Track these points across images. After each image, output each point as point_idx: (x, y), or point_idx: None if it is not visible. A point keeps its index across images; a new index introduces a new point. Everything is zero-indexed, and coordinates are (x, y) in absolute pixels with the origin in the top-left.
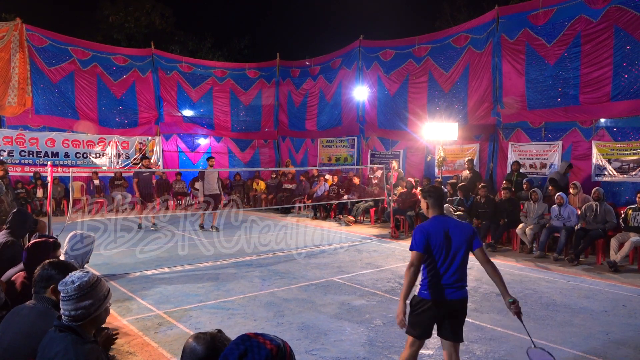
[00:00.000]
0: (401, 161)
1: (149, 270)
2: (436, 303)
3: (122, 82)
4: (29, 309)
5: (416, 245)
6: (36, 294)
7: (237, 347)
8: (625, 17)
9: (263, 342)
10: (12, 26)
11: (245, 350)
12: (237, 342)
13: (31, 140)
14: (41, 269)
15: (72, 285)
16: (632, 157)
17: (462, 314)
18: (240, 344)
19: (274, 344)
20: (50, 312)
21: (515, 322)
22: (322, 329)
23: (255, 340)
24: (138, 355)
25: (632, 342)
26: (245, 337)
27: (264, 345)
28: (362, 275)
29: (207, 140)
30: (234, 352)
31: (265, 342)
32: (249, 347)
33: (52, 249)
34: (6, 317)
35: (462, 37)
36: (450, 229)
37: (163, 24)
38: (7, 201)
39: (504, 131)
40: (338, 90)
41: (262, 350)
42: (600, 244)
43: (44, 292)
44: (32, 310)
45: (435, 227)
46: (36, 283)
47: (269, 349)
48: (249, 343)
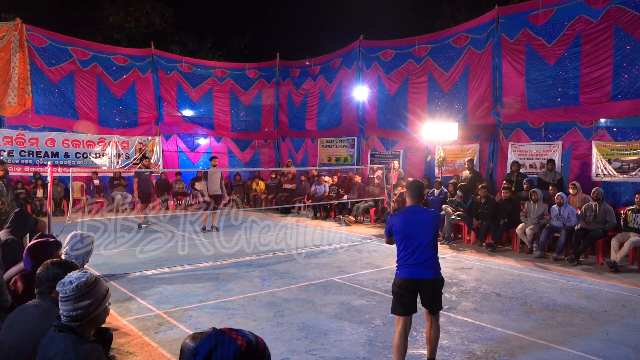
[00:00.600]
0: (401, 161)
1: (149, 270)
2: (409, 281)
3: (122, 82)
4: (34, 308)
5: (385, 232)
6: (40, 294)
7: (208, 341)
8: (625, 17)
9: (235, 338)
10: (12, 26)
11: (216, 344)
12: (210, 336)
13: (31, 140)
14: (45, 269)
15: (70, 285)
16: (632, 157)
17: (433, 291)
18: (213, 338)
19: (245, 339)
20: (54, 310)
21: (515, 322)
22: (322, 329)
23: (227, 335)
24: (138, 355)
25: (632, 342)
26: (219, 332)
27: (235, 340)
28: (362, 275)
29: (207, 140)
30: (205, 346)
31: (237, 337)
32: (220, 341)
33: (54, 249)
34: (10, 315)
35: (462, 37)
36: (417, 216)
37: (163, 24)
38: (7, 201)
39: (504, 131)
40: (338, 90)
41: (232, 345)
42: (600, 244)
43: (49, 292)
44: (37, 309)
45: (403, 215)
46: (41, 283)
47: (239, 344)
48: (221, 338)
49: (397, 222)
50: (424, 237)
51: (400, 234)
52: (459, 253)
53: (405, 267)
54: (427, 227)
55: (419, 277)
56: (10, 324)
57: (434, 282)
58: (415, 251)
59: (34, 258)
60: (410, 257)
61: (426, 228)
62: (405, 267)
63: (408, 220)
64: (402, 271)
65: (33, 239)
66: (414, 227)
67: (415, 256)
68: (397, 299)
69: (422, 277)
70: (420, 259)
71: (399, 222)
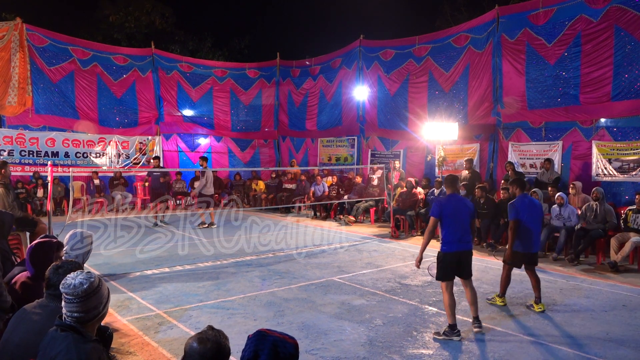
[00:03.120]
0: (401, 161)
1: (149, 269)
2: (452, 254)
3: (122, 81)
4: (41, 308)
5: (432, 212)
6: (49, 295)
7: (263, 343)
8: (625, 16)
9: (283, 337)
10: (13, 26)
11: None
12: (259, 338)
13: (31, 140)
14: (55, 272)
15: (80, 287)
16: (632, 157)
17: (468, 261)
18: (264, 340)
19: (292, 338)
20: (61, 311)
21: (515, 322)
22: (322, 329)
23: (274, 335)
24: (138, 355)
25: (632, 342)
26: (264, 333)
27: (285, 339)
28: (362, 275)
29: (207, 140)
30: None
31: (284, 337)
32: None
33: (55, 249)
34: (16, 314)
35: (462, 37)
36: (459, 202)
37: (163, 24)
38: (7, 202)
39: (504, 131)
40: (338, 90)
41: (287, 343)
42: (600, 244)
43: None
44: (45, 309)
45: (449, 200)
46: (51, 285)
47: (292, 342)
48: (271, 338)
49: (447, 206)
50: (467, 220)
51: (448, 215)
52: None
53: (450, 243)
54: (469, 212)
55: (462, 250)
56: (16, 323)
57: (469, 252)
58: (458, 230)
59: (36, 258)
60: (455, 234)
61: (468, 213)
62: (451, 243)
63: (455, 205)
64: (448, 246)
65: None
66: (459, 211)
67: (459, 233)
68: (442, 268)
69: (464, 249)
70: (459, 236)
71: (449, 206)
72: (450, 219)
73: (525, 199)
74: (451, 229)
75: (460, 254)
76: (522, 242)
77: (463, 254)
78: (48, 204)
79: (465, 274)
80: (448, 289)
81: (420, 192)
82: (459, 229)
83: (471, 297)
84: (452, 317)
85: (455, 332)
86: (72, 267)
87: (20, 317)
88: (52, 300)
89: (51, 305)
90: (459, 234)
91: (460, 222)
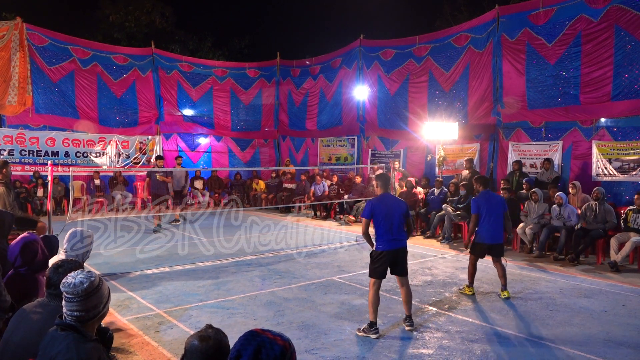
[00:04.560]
0: (401, 161)
1: (149, 269)
2: (387, 252)
3: (122, 81)
4: (42, 307)
5: (364, 214)
6: (50, 295)
7: (248, 343)
8: (625, 16)
9: (274, 338)
10: (13, 25)
11: (258, 346)
12: (247, 338)
13: (31, 140)
14: (56, 271)
15: (81, 286)
16: (632, 157)
17: (403, 258)
18: (251, 340)
19: (284, 339)
20: (62, 310)
21: (515, 322)
22: (322, 329)
23: (264, 336)
24: (138, 354)
25: (632, 342)
26: (254, 333)
27: (274, 341)
28: (362, 275)
29: (207, 140)
30: (247, 349)
31: (275, 338)
32: (260, 342)
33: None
34: (17, 313)
35: (463, 36)
36: (390, 201)
37: (163, 24)
38: (8, 201)
39: (504, 131)
40: (338, 89)
41: (275, 345)
42: (600, 244)
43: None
44: (45, 308)
45: (380, 201)
46: (52, 285)
47: (281, 344)
48: (259, 339)
49: (379, 206)
50: (398, 218)
51: (380, 215)
52: (459, 253)
53: (384, 241)
54: (400, 210)
55: (397, 248)
56: (17, 323)
57: (403, 249)
58: (392, 228)
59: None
60: (388, 233)
61: (400, 211)
62: (385, 241)
63: (386, 205)
64: (383, 244)
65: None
66: (391, 210)
67: (393, 231)
68: (376, 266)
69: (399, 247)
70: (394, 235)
71: (381, 206)
72: (382, 218)
73: (487, 195)
74: (385, 227)
75: (397, 252)
76: (484, 235)
77: (400, 251)
78: (48, 204)
79: (401, 271)
80: (375, 286)
81: (420, 191)
82: (394, 227)
83: (406, 296)
84: (373, 315)
85: (373, 330)
86: (73, 266)
87: (20, 316)
88: (52, 300)
89: (51, 305)
90: (394, 233)
91: (393, 220)
